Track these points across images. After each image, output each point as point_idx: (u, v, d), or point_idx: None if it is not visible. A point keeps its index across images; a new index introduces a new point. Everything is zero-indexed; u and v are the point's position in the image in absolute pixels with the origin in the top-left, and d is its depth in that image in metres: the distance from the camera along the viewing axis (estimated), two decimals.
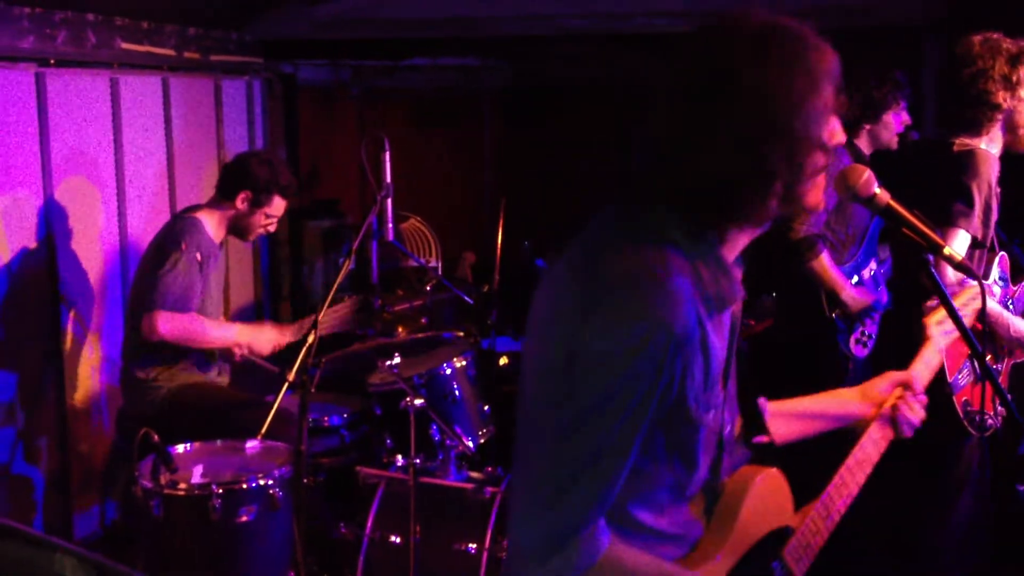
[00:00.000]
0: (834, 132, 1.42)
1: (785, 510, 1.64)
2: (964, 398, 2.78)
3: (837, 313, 3.50)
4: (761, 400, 1.69)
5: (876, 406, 1.82)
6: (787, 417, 1.75)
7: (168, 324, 3.39)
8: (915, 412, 1.81)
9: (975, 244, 2.77)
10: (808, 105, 1.35)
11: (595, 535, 1.38)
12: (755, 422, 1.66)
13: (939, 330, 1.98)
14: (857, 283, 3.58)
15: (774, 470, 1.61)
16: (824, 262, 3.39)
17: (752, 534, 1.56)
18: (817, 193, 1.43)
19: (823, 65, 1.38)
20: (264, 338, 3.61)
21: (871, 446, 1.78)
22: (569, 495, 1.35)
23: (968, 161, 2.79)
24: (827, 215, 3.48)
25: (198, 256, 3.47)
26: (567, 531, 1.36)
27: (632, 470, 1.38)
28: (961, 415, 2.77)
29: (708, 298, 1.37)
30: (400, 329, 4.25)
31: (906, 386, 1.83)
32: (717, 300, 1.39)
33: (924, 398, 1.84)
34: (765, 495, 1.58)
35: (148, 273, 3.47)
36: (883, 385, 1.85)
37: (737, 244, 1.46)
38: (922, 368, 1.92)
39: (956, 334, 1.99)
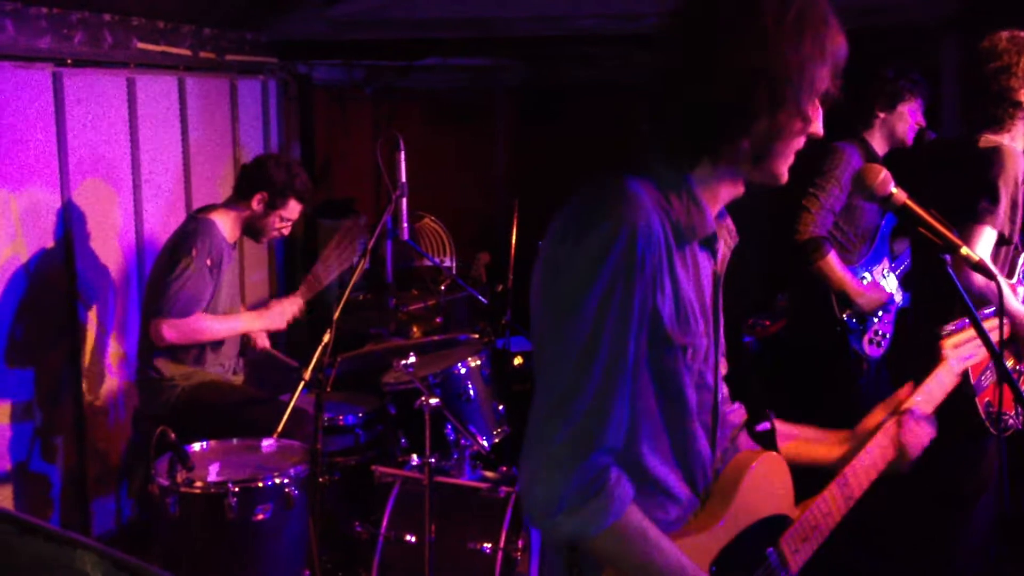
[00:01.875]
0: (817, 117, 1.46)
1: (785, 498, 1.62)
2: (987, 399, 2.76)
3: (848, 313, 3.48)
4: (770, 413, 1.68)
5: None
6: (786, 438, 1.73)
7: (173, 331, 3.44)
8: (918, 435, 1.79)
9: (1001, 241, 2.75)
10: (808, 68, 1.39)
11: (622, 484, 1.36)
12: (759, 414, 1.66)
13: (955, 353, 1.96)
14: (868, 283, 3.56)
15: (776, 454, 1.60)
16: (831, 262, 3.39)
17: (749, 514, 1.54)
18: (785, 164, 1.47)
19: (833, 45, 1.42)
20: (275, 314, 3.64)
21: (878, 452, 1.75)
22: (579, 420, 1.34)
23: (994, 157, 2.76)
24: (834, 216, 3.47)
25: (208, 261, 3.49)
26: (588, 470, 1.33)
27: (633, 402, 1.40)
28: (983, 416, 2.75)
29: (676, 225, 1.42)
30: (415, 328, 4.26)
31: (900, 412, 1.80)
32: (687, 229, 1.43)
33: (925, 420, 1.81)
34: (765, 477, 1.57)
35: (159, 278, 3.50)
36: (872, 424, 1.82)
37: (715, 191, 1.49)
38: (934, 388, 1.89)
39: (973, 360, 1.99)
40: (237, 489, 2.86)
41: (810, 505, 1.64)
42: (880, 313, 3.54)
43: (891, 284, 3.69)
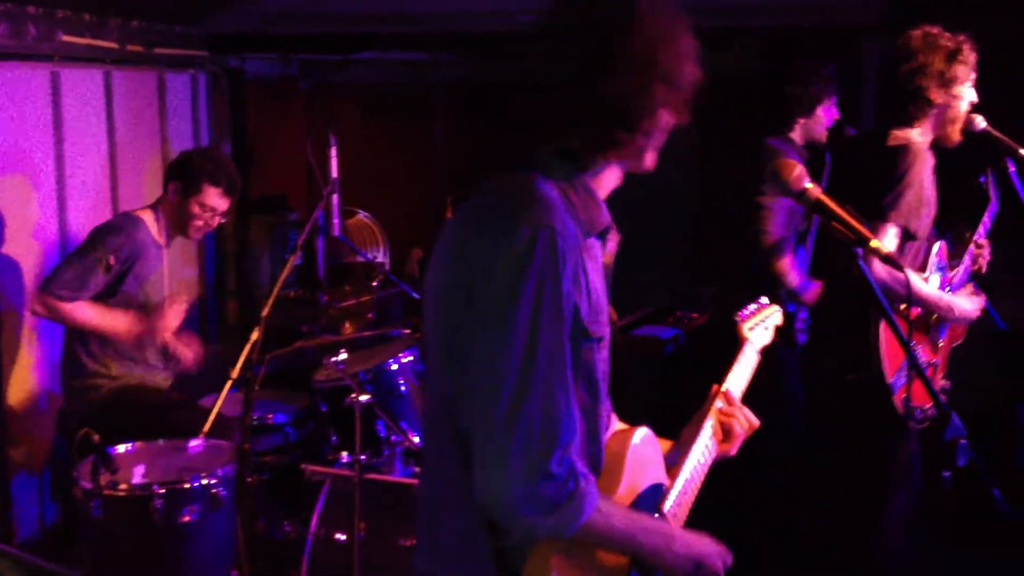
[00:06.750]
0: (685, 108, 1.51)
1: (660, 467, 1.71)
2: (903, 395, 2.82)
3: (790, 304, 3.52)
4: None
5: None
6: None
7: (41, 307, 3.36)
8: (742, 424, 1.84)
9: (907, 236, 2.82)
10: (684, 62, 1.48)
11: (590, 483, 1.40)
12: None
13: (753, 335, 2.08)
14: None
15: (647, 428, 1.68)
16: (786, 265, 3.45)
17: (637, 486, 1.62)
18: (654, 157, 1.53)
19: (691, 39, 1.50)
20: (157, 324, 3.51)
21: (712, 445, 1.82)
22: (531, 426, 1.36)
23: (900, 155, 2.83)
24: (785, 213, 3.51)
25: (112, 259, 3.41)
26: (553, 477, 1.36)
27: None
28: (902, 413, 2.81)
29: (579, 221, 1.46)
30: (347, 325, 4.23)
31: (724, 402, 1.87)
32: (586, 223, 1.48)
33: (741, 409, 1.87)
34: (644, 451, 1.65)
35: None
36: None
37: (602, 183, 1.55)
38: (743, 370, 1.99)
39: (769, 337, 2.10)
40: (162, 491, 2.82)
41: (675, 475, 1.72)
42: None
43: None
